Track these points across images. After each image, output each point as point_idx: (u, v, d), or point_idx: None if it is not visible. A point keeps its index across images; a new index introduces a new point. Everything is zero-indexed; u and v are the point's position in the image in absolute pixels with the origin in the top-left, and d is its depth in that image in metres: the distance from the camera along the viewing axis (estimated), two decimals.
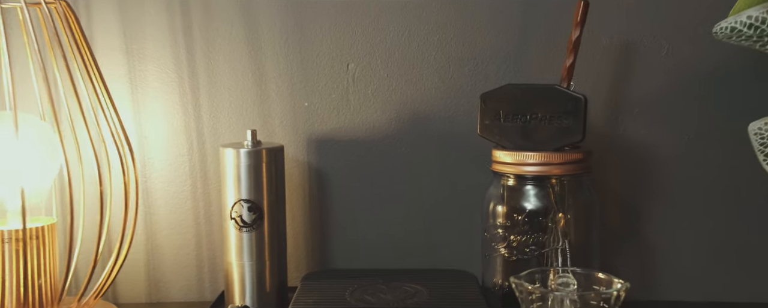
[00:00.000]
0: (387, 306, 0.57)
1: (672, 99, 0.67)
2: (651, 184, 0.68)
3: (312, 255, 0.70)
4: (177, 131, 0.68)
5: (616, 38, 0.66)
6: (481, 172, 0.64)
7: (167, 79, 0.68)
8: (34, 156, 0.55)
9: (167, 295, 0.71)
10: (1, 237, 0.55)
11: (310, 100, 0.68)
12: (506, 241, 0.61)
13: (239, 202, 0.61)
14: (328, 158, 0.69)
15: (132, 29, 0.67)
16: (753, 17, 0.53)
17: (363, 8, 0.67)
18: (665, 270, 0.69)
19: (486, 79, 0.67)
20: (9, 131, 0.53)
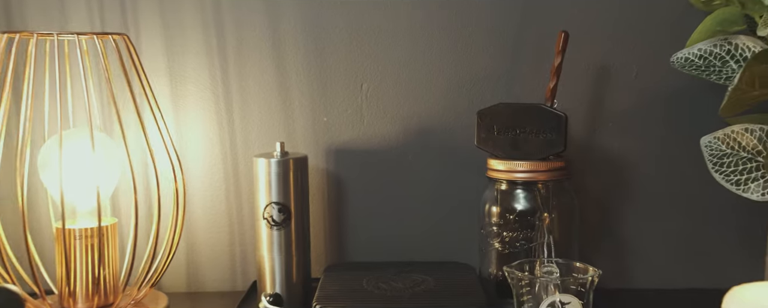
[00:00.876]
0: (399, 293, 0.68)
1: (640, 115, 0.78)
2: (623, 188, 0.79)
3: (331, 250, 0.80)
4: (213, 143, 0.78)
5: (592, 64, 0.77)
6: (477, 178, 0.74)
7: (204, 98, 0.78)
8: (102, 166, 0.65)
9: (204, 285, 0.81)
10: (72, 234, 0.65)
11: (329, 116, 0.79)
12: (500, 237, 0.72)
13: (270, 204, 0.71)
14: (345, 166, 0.79)
15: (175, 55, 0.77)
16: (702, 50, 0.63)
17: (375, 35, 0.77)
18: (634, 262, 0.80)
19: (482, 98, 0.77)
20: (86, 146, 0.62)
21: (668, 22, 0.74)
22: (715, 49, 0.62)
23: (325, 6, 0.76)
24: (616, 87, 0.77)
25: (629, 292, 0.78)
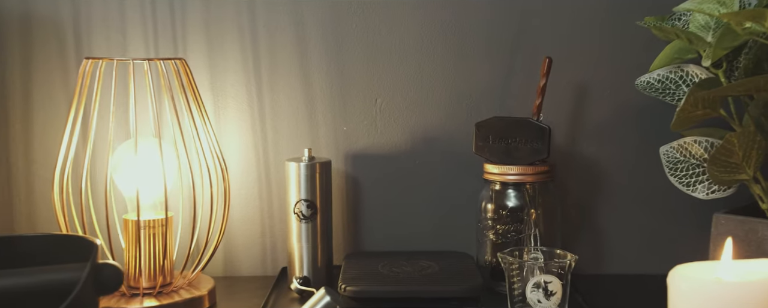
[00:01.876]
0: (409, 276, 0.80)
1: (613, 127, 0.90)
2: (598, 188, 0.91)
3: (349, 241, 0.93)
4: (248, 149, 0.91)
5: (572, 83, 0.89)
6: (475, 180, 0.86)
7: (242, 110, 0.90)
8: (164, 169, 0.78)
9: (239, 271, 0.93)
10: (137, 225, 0.77)
11: (348, 126, 0.91)
12: (494, 230, 0.84)
13: (300, 201, 0.83)
14: (361, 169, 0.92)
15: (217, 74, 0.89)
16: (660, 75, 0.76)
17: (387, 58, 0.89)
18: (607, 251, 0.92)
19: (478, 112, 0.89)
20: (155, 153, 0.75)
21: (636, 49, 0.87)
22: (671, 75, 0.75)
23: (346, 33, 0.89)
24: (592, 103, 0.90)
25: (603, 277, 0.90)
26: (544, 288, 0.71)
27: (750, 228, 0.69)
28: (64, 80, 0.89)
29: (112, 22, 0.88)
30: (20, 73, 0.88)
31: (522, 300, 0.72)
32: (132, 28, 0.88)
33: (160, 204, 0.78)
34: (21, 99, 0.89)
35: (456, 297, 0.75)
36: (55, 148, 0.88)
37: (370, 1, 0.88)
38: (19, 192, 0.89)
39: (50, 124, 0.89)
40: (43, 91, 0.89)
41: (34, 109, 0.89)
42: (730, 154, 0.67)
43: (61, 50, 0.88)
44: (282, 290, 0.84)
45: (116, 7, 0.88)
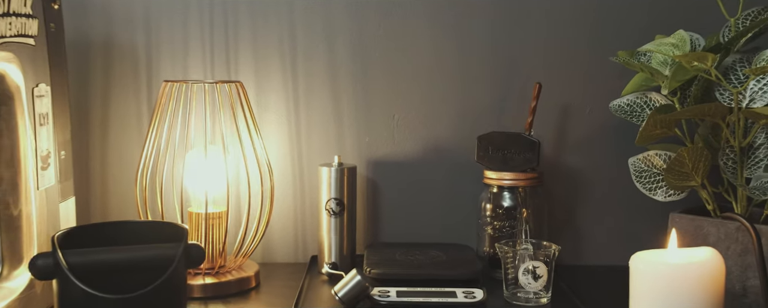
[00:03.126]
0: (422, 262, 0.96)
1: (591, 141, 1.06)
2: (579, 192, 1.08)
3: (369, 233, 1.09)
4: (285, 155, 1.07)
5: (557, 104, 1.06)
6: (476, 184, 1.02)
7: (281, 123, 1.07)
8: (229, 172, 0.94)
9: (274, 258, 1.09)
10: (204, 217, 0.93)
11: (370, 137, 1.08)
12: (491, 225, 1.00)
13: (331, 199, 1.00)
14: (380, 173, 1.08)
15: (261, 92, 1.05)
16: (629, 100, 0.94)
17: (404, 80, 1.06)
18: (586, 244, 1.08)
19: (480, 126, 1.05)
20: (218, 159, 0.92)
21: (612, 77, 1.02)
22: (637, 100, 0.93)
23: (370, 59, 1.06)
24: (574, 122, 1.06)
25: (582, 267, 1.06)
26: (532, 272, 0.88)
27: (698, 225, 0.86)
28: (136, 97, 1.05)
29: (177, 46, 1.04)
30: (101, 90, 1.05)
31: (515, 283, 0.89)
32: (193, 51, 1.04)
33: (218, 200, 0.95)
34: (100, 112, 1.05)
35: (460, 279, 0.92)
36: (126, 153, 1.05)
37: (390, 33, 1.05)
38: (95, 190, 1.06)
39: (123, 134, 1.05)
40: (118, 106, 1.05)
41: (111, 120, 1.05)
42: (682, 165, 0.84)
43: (134, 71, 1.04)
44: (313, 274, 1.00)
45: (180, 34, 1.04)
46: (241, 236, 0.95)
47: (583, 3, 1.04)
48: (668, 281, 0.71)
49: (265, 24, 1.04)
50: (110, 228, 0.77)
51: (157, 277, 0.70)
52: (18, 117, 0.76)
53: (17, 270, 0.78)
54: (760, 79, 0.79)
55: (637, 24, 1.03)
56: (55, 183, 0.85)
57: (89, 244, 0.71)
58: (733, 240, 0.82)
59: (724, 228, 0.83)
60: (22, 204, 0.78)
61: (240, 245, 0.95)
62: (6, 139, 0.76)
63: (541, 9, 1.04)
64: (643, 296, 0.73)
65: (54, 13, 0.85)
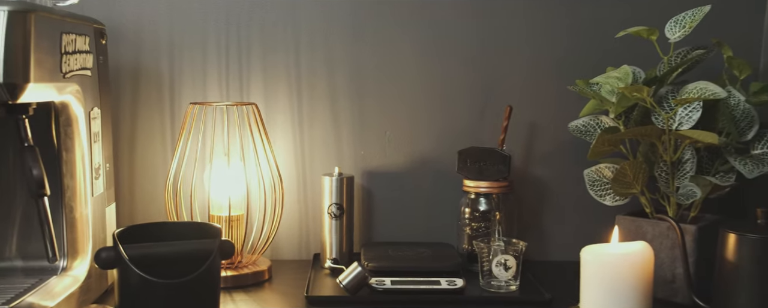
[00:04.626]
0: (411, 257, 1.12)
1: (554, 155, 1.22)
2: (544, 198, 1.24)
3: (364, 234, 1.26)
4: (290, 166, 1.23)
5: (526, 122, 1.23)
6: (457, 191, 1.17)
7: (287, 139, 1.23)
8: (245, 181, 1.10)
9: (281, 255, 1.24)
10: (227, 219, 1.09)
11: (365, 150, 1.24)
12: (469, 226, 1.17)
13: (332, 204, 1.16)
14: (374, 183, 1.25)
15: (270, 112, 1.22)
16: (584, 122, 1.12)
17: (395, 100, 1.23)
18: (550, 243, 1.24)
19: (460, 142, 1.21)
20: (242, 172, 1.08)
21: (572, 101, 1.19)
22: (591, 122, 1.11)
23: (365, 82, 1.22)
24: (540, 139, 1.23)
25: (546, 262, 1.22)
26: (504, 264, 1.05)
27: (638, 224, 1.05)
28: (160, 116, 1.20)
29: (197, 71, 1.20)
30: (130, 109, 1.20)
31: (489, 273, 1.06)
32: (210, 76, 1.20)
33: (236, 205, 1.11)
34: (129, 129, 1.20)
35: (443, 271, 1.08)
36: (151, 165, 1.21)
37: (382, 62, 1.22)
38: (123, 196, 1.21)
39: (149, 148, 1.21)
40: (145, 124, 1.20)
41: (138, 136, 1.21)
42: (625, 176, 1.02)
43: (159, 93, 1.20)
44: (317, 268, 1.16)
45: (200, 61, 1.20)
46: (256, 235, 1.11)
47: (549, 38, 1.22)
48: (609, 268, 0.89)
49: (274, 54, 1.21)
50: (155, 228, 0.93)
51: (198, 266, 0.85)
52: (79, 136, 0.92)
53: (76, 262, 0.93)
54: (686, 107, 0.97)
55: (593, 57, 1.20)
56: (103, 191, 1.00)
57: (140, 240, 0.87)
58: (665, 236, 1.01)
59: (658, 227, 1.01)
60: (81, 208, 0.93)
61: (257, 243, 1.11)
62: (71, 154, 0.91)
63: (514, 43, 1.22)
64: (590, 280, 0.91)
65: (102, 47, 1.00)
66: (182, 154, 1.09)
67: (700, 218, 1.04)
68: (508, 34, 1.21)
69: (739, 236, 0.86)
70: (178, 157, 1.09)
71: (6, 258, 0.91)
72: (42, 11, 0.77)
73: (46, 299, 0.82)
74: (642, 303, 0.89)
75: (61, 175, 0.90)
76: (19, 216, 0.92)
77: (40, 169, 0.78)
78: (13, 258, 0.91)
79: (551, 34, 1.21)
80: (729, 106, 0.98)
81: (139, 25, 1.18)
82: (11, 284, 0.85)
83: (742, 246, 0.86)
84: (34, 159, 0.79)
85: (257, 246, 1.12)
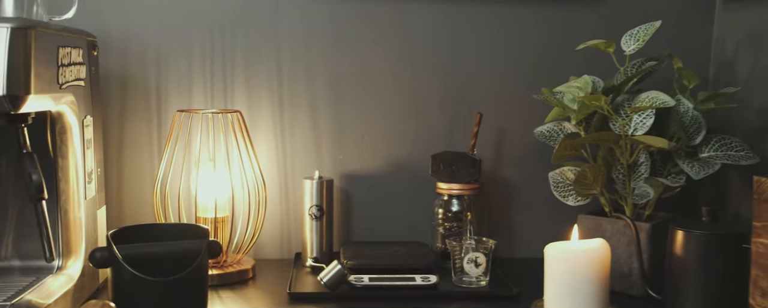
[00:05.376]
0: (388, 255, 1.18)
1: (521, 159, 1.30)
2: (512, 199, 1.32)
3: (343, 234, 1.32)
4: (272, 168, 1.29)
5: (495, 128, 1.31)
6: (430, 193, 1.24)
7: (269, 144, 1.29)
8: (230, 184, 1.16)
9: (264, 255, 1.30)
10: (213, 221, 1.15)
11: (344, 155, 1.31)
12: (442, 226, 1.24)
13: (313, 206, 1.22)
14: (352, 185, 1.31)
15: (253, 117, 1.28)
16: (548, 128, 1.20)
17: (372, 108, 1.30)
18: (517, 241, 1.32)
19: (434, 146, 1.28)
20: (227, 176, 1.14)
21: (537, 108, 1.26)
22: (554, 128, 1.18)
23: (344, 90, 1.28)
24: (508, 143, 1.31)
25: (514, 259, 1.29)
26: (474, 261, 1.12)
27: (598, 223, 1.12)
28: (147, 123, 1.26)
29: (183, 80, 1.26)
30: (118, 116, 1.25)
31: (461, 270, 1.13)
32: (195, 84, 1.26)
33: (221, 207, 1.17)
34: (117, 135, 1.26)
35: (418, 268, 1.14)
36: (138, 170, 1.26)
37: (359, 71, 1.28)
38: (112, 199, 1.26)
39: (136, 153, 1.26)
40: (132, 130, 1.26)
41: (125, 142, 1.26)
42: (586, 178, 1.10)
43: (146, 101, 1.26)
44: (299, 267, 1.22)
45: (185, 70, 1.26)
46: (240, 236, 1.17)
47: (517, 50, 1.29)
48: (570, 263, 0.96)
49: (256, 63, 1.27)
50: (147, 229, 0.99)
51: (188, 265, 0.91)
52: (73, 143, 0.97)
53: (70, 261, 0.98)
54: (640, 114, 1.05)
55: (557, 68, 1.27)
56: (95, 195, 1.06)
57: (132, 241, 0.92)
58: (622, 234, 1.09)
59: (616, 225, 1.09)
60: (75, 211, 0.98)
61: (242, 243, 1.17)
62: (65, 160, 0.96)
63: (484, 54, 1.29)
64: (553, 275, 0.98)
65: (94, 58, 1.06)
66: (170, 159, 1.15)
67: (654, 216, 1.13)
68: (479, 45, 1.29)
69: (686, 232, 0.94)
70: (165, 162, 1.14)
71: (3, 258, 0.96)
72: (41, 27, 0.83)
73: (44, 296, 0.87)
74: (600, 296, 0.96)
75: (56, 180, 0.95)
76: (14, 218, 0.97)
77: (40, 175, 0.84)
78: (10, 258, 0.96)
79: (518, 46, 1.29)
80: (679, 113, 1.06)
81: (127, 36, 1.24)
82: (10, 282, 0.90)
83: (688, 242, 0.94)
84: (33, 165, 0.84)
85: (242, 246, 1.18)
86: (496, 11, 1.28)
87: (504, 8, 1.28)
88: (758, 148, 1.10)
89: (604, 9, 1.28)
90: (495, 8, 1.28)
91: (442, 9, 1.27)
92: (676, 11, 1.27)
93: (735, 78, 1.21)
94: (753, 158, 1.05)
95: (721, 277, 0.91)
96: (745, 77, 1.18)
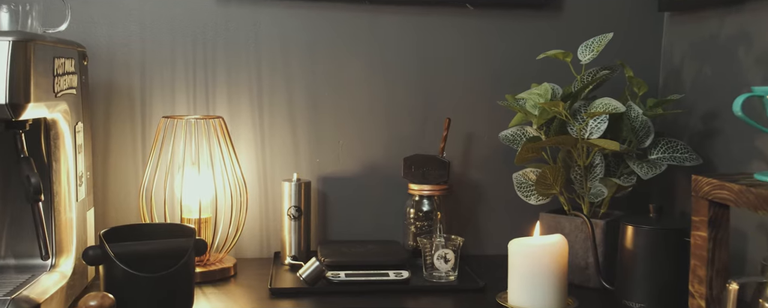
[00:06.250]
0: (362, 252, 1.26)
1: (488, 161, 1.39)
2: (479, 198, 1.41)
3: (320, 233, 1.39)
4: (253, 171, 1.36)
5: (463, 132, 1.39)
6: (402, 194, 1.32)
7: (249, 150, 1.35)
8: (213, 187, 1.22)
9: (245, 254, 1.37)
10: (197, 221, 1.21)
11: (320, 158, 1.38)
12: (414, 225, 1.33)
13: (291, 207, 1.29)
14: (328, 187, 1.38)
15: (234, 122, 1.34)
16: (512, 131, 1.28)
17: (349, 113, 1.37)
18: (484, 238, 1.40)
19: (406, 149, 1.36)
20: (210, 178, 1.20)
21: (503, 113, 1.36)
22: (517, 132, 1.27)
23: (320, 98, 1.36)
24: (476, 146, 1.39)
25: (481, 256, 1.38)
26: (444, 257, 1.19)
27: (558, 220, 1.21)
28: (132, 129, 1.31)
29: (166, 87, 1.32)
30: (104, 122, 1.31)
31: (432, 266, 1.20)
32: (179, 91, 1.32)
33: (204, 208, 1.23)
34: (103, 140, 1.31)
35: (391, 264, 1.22)
36: (123, 173, 1.31)
37: (335, 78, 1.35)
38: (98, 201, 1.31)
39: (121, 158, 1.32)
40: (118, 135, 1.31)
41: (111, 147, 1.31)
42: (546, 179, 1.19)
43: (131, 107, 1.31)
44: (278, 265, 1.29)
45: (169, 77, 1.32)
46: (222, 235, 1.24)
47: (483, 60, 1.38)
48: (532, 257, 1.05)
49: (237, 72, 1.33)
50: (136, 229, 1.05)
51: (176, 262, 0.98)
52: (65, 148, 1.03)
53: (62, 260, 1.04)
54: (595, 119, 1.15)
55: (520, 76, 1.36)
56: (85, 197, 1.11)
57: (123, 240, 0.98)
58: (580, 230, 1.18)
59: (574, 222, 1.18)
60: (67, 212, 1.04)
61: (224, 243, 1.24)
62: (58, 164, 1.02)
63: (452, 63, 1.37)
64: (516, 268, 1.06)
65: (84, 68, 1.11)
66: (155, 163, 1.21)
67: (609, 214, 1.22)
68: (447, 55, 1.37)
69: (635, 227, 1.03)
70: (151, 166, 1.20)
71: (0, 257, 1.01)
72: (39, 40, 0.88)
73: (40, 292, 0.92)
74: (559, 287, 1.05)
75: (50, 183, 1.01)
76: (9, 219, 1.03)
77: (38, 177, 0.89)
78: (5, 257, 1.01)
79: (484, 56, 1.38)
80: (630, 118, 1.15)
81: (113, 46, 1.29)
82: (7, 279, 0.96)
83: (637, 236, 1.03)
84: (30, 168, 0.90)
85: (224, 245, 1.24)
86: (462, 23, 1.36)
87: (470, 21, 1.36)
88: (702, 150, 1.21)
89: (562, 21, 1.37)
90: (462, 20, 1.36)
91: (412, 21, 1.36)
92: (627, 24, 1.37)
93: (682, 85, 1.31)
94: (696, 160, 1.14)
95: (665, 267, 1.01)
96: (690, 85, 1.28)
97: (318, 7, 1.33)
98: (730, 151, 1.15)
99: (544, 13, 1.37)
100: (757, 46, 1.09)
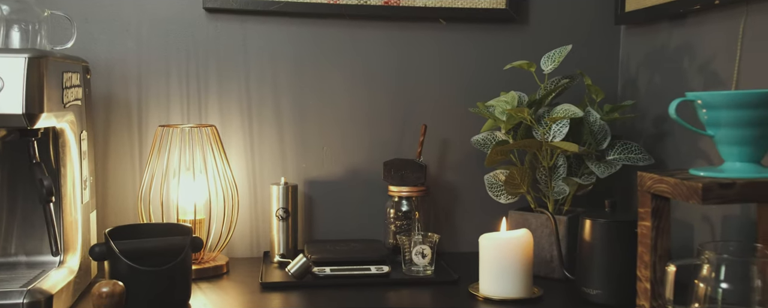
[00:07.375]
0: (346, 250, 1.36)
1: (461, 164, 1.50)
2: (455, 199, 1.52)
3: (307, 233, 1.49)
4: (243, 176, 1.45)
5: (439, 138, 1.50)
6: (383, 196, 1.42)
7: (239, 155, 1.45)
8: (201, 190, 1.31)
9: (236, 253, 1.46)
10: (193, 222, 1.30)
11: (306, 163, 1.48)
12: (394, 224, 1.43)
13: (280, 208, 1.39)
14: (314, 190, 1.49)
15: (225, 130, 1.44)
16: (483, 136, 1.39)
17: (333, 122, 1.48)
18: (459, 236, 1.50)
19: (386, 154, 1.47)
20: (203, 182, 1.29)
21: (475, 120, 1.48)
22: (488, 136, 1.38)
23: (306, 107, 1.46)
24: (450, 151, 1.50)
25: (456, 252, 1.47)
26: (421, 253, 1.30)
27: (525, 217, 1.32)
28: (129, 136, 1.41)
29: (161, 97, 1.41)
30: (103, 131, 1.40)
31: (410, 261, 1.30)
32: (173, 101, 1.42)
33: (199, 210, 1.32)
34: (102, 147, 1.40)
35: (373, 260, 1.32)
36: (121, 178, 1.41)
37: (319, 89, 1.46)
38: (98, 204, 1.40)
39: (118, 164, 1.41)
40: (116, 143, 1.40)
41: (109, 154, 1.40)
42: (514, 179, 1.29)
43: (128, 117, 1.41)
44: (267, 263, 1.38)
45: (164, 88, 1.41)
46: (215, 235, 1.33)
47: (456, 70, 1.48)
48: (500, 250, 1.15)
49: (228, 83, 1.43)
50: (137, 228, 1.14)
51: (175, 257, 1.07)
52: (71, 154, 1.12)
53: (69, 257, 1.12)
54: (558, 123, 1.26)
55: (490, 85, 1.47)
56: (89, 200, 1.20)
57: (125, 238, 1.07)
58: (545, 226, 1.28)
59: (540, 219, 1.29)
60: (73, 213, 1.13)
61: (217, 242, 1.33)
62: (65, 169, 1.11)
63: (428, 72, 1.48)
64: (486, 260, 1.17)
65: (87, 81, 1.21)
66: (152, 169, 1.30)
67: (572, 211, 1.33)
68: (423, 66, 1.48)
69: (592, 221, 1.14)
70: (148, 171, 1.30)
71: (12, 254, 1.10)
72: (50, 56, 0.98)
73: (51, 286, 1.01)
74: (525, 277, 1.15)
75: (58, 186, 1.10)
76: (20, 219, 1.11)
77: (50, 181, 0.99)
78: (17, 254, 1.10)
79: (456, 66, 1.49)
80: (589, 123, 1.27)
81: (112, 61, 1.39)
82: (20, 274, 1.04)
83: (594, 229, 1.14)
84: (42, 172, 0.99)
85: (217, 245, 1.34)
86: (436, 36, 1.47)
87: (443, 33, 1.47)
88: (654, 151, 1.32)
89: (528, 35, 1.49)
90: (436, 33, 1.47)
91: (390, 34, 1.46)
92: (588, 36, 1.49)
93: (637, 92, 1.43)
94: (649, 159, 1.26)
95: (618, 256, 1.11)
96: (644, 91, 1.40)
97: (303, 22, 1.43)
98: (678, 151, 1.27)
99: (512, 27, 1.48)
100: (699, 56, 1.21)
